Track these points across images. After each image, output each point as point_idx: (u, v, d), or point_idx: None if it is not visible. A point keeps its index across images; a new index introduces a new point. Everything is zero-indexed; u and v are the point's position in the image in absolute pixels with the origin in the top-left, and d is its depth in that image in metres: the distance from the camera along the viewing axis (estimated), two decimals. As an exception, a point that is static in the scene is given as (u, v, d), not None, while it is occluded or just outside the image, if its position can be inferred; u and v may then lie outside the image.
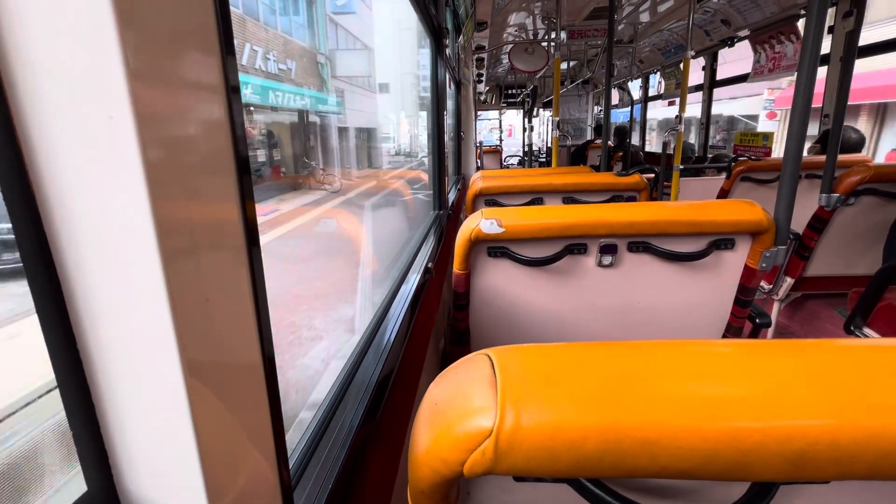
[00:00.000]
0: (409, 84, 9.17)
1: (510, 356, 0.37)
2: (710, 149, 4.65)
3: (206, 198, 0.33)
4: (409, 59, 8.33)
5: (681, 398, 0.32)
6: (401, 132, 9.87)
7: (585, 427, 0.32)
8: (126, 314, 0.30)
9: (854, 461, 0.31)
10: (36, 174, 0.28)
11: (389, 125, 9.80)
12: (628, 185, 1.84)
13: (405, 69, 8.90)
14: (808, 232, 2.00)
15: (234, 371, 0.37)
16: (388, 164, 8.63)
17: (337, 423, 0.72)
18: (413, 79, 8.44)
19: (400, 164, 9.06)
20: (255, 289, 0.39)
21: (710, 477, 0.33)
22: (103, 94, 0.26)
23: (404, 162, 9.01)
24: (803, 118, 1.01)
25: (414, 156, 8.26)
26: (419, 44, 4.09)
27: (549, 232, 1.03)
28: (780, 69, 3.26)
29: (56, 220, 0.29)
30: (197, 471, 0.33)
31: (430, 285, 1.55)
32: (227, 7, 0.34)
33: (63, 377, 0.31)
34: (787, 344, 0.37)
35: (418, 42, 4.24)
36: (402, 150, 9.48)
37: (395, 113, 9.61)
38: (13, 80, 0.26)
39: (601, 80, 6.90)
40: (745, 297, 1.11)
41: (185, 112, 0.31)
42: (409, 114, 9.29)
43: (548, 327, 1.17)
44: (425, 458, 0.35)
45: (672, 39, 4.72)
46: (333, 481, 0.60)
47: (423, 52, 2.56)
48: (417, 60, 6.52)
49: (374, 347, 1.00)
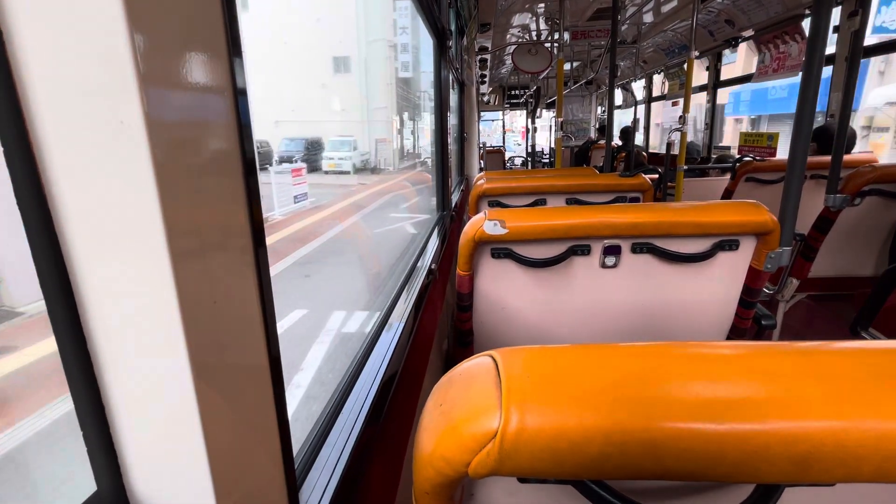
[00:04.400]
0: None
1: (515, 358, 0.37)
2: (714, 149, 4.63)
3: (214, 200, 0.33)
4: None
5: (685, 400, 0.32)
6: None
7: (590, 428, 0.32)
8: (136, 317, 0.31)
9: (860, 463, 0.31)
10: (48, 179, 0.28)
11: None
12: (632, 185, 1.84)
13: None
14: (814, 233, 1.99)
15: (241, 372, 0.37)
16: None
17: (341, 424, 0.72)
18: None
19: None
20: (261, 290, 0.39)
21: (714, 479, 0.33)
22: (115, 101, 0.27)
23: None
24: (809, 118, 1.01)
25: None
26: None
27: (553, 233, 1.03)
28: (784, 69, 3.24)
29: (68, 223, 0.29)
30: (205, 471, 0.34)
31: (433, 286, 1.55)
32: (233, 8, 0.35)
33: (73, 378, 0.32)
34: (792, 346, 0.37)
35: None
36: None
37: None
38: (26, 88, 0.27)
39: (604, 80, 6.89)
40: (750, 298, 1.10)
41: (194, 115, 0.31)
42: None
43: (551, 328, 1.17)
44: (430, 459, 0.35)
45: (676, 40, 4.71)
46: (338, 481, 0.60)
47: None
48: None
49: (377, 348, 1.00)
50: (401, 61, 4.63)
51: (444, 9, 2.23)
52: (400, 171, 5.66)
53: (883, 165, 1.83)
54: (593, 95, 8.73)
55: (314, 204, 5.00)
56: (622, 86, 6.33)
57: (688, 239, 1.04)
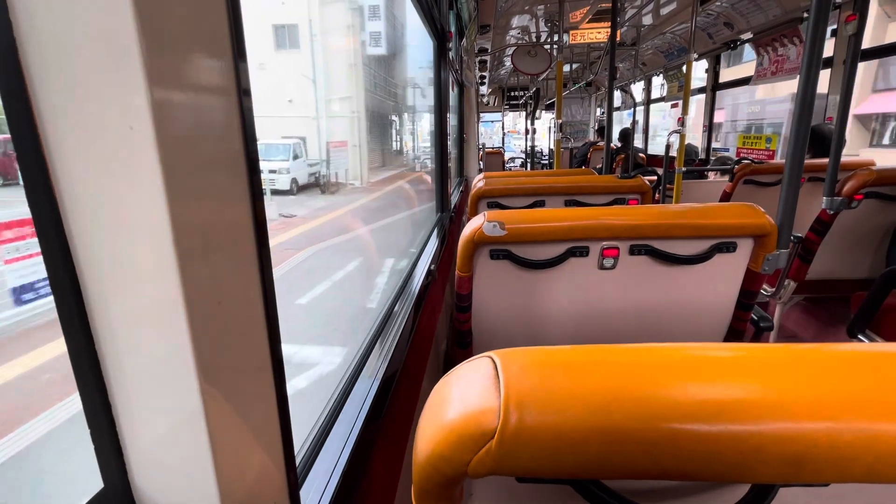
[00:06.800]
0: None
1: (514, 358, 0.37)
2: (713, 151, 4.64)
3: (220, 200, 0.34)
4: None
5: (681, 400, 0.33)
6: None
7: (587, 428, 0.32)
8: (143, 317, 0.31)
9: (852, 463, 0.31)
10: (58, 182, 0.29)
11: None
12: (631, 187, 1.85)
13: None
14: (811, 235, 2.00)
15: (245, 372, 0.38)
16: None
17: (341, 424, 0.73)
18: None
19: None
20: (265, 291, 0.39)
21: (710, 478, 0.33)
22: (124, 104, 0.27)
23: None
24: (806, 121, 1.02)
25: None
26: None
27: (551, 235, 1.03)
28: (782, 72, 3.26)
29: (77, 226, 0.30)
30: (209, 469, 0.34)
31: (432, 287, 1.55)
32: (238, 10, 0.35)
33: (82, 378, 0.32)
34: (787, 347, 0.38)
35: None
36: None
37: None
38: (38, 95, 0.27)
39: (604, 82, 6.90)
40: (748, 300, 1.11)
41: (201, 117, 0.31)
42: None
43: (549, 329, 1.18)
44: (429, 458, 0.35)
45: (675, 42, 4.72)
46: (338, 481, 0.61)
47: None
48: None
49: (377, 349, 1.01)
50: (369, 32, 3.37)
51: (445, 11, 2.23)
52: (370, 187, 4.15)
53: (881, 168, 1.84)
54: (592, 97, 8.74)
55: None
56: (621, 87, 6.34)
57: (685, 241, 1.04)
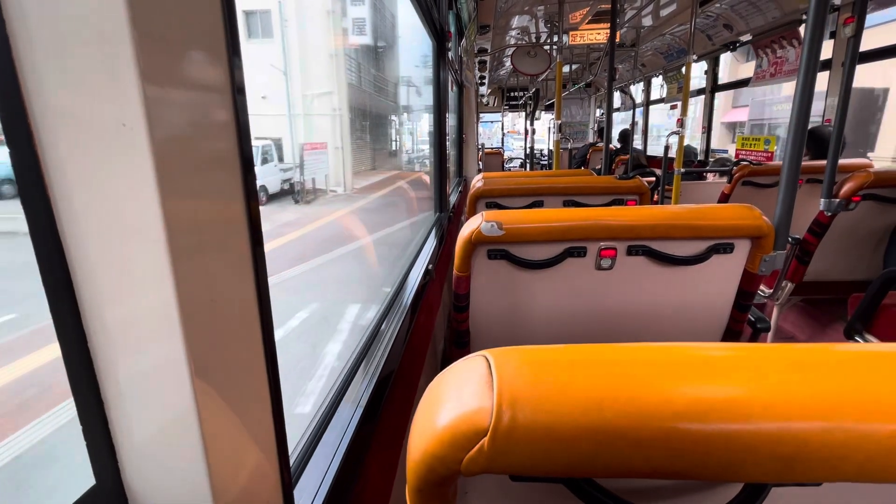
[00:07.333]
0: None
1: (507, 357, 0.37)
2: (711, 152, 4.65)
3: (214, 199, 0.34)
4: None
5: (674, 400, 0.33)
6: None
7: (580, 427, 0.32)
8: (136, 315, 0.31)
9: (843, 463, 0.31)
10: (51, 180, 0.29)
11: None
12: (629, 188, 1.85)
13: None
14: (809, 237, 2.00)
15: (238, 371, 0.38)
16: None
17: (337, 423, 0.73)
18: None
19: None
20: (259, 290, 0.39)
21: (703, 478, 0.33)
22: (116, 102, 0.27)
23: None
24: (803, 123, 1.02)
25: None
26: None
27: (549, 235, 1.03)
28: (781, 74, 3.26)
29: (70, 224, 0.29)
30: (202, 467, 0.34)
31: (430, 287, 1.55)
32: (232, 6, 0.35)
33: (74, 375, 0.32)
34: (779, 347, 0.38)
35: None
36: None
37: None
38: (30, 92, 0.27)
39: (603, 83, 6.91)
40: (745, 301, 1.11)
41: (194, 115, 0.31)
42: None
43: (547, 329, 1.18)
44: (423, 457, 0.35)
45: (674, 43, 4.73)
46: (332, 480, 0.61)
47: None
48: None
49: (374, 348, 1.01)
50: (352, 19, 3.08)
51: (444, 11, 2.23)
52: (355, 194, 3.55)
53: (878, 171, 1.85)
54: (592, 98, 8.75)
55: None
56: (621, 88, 6.35)
57: (683, 241, 1.05)
